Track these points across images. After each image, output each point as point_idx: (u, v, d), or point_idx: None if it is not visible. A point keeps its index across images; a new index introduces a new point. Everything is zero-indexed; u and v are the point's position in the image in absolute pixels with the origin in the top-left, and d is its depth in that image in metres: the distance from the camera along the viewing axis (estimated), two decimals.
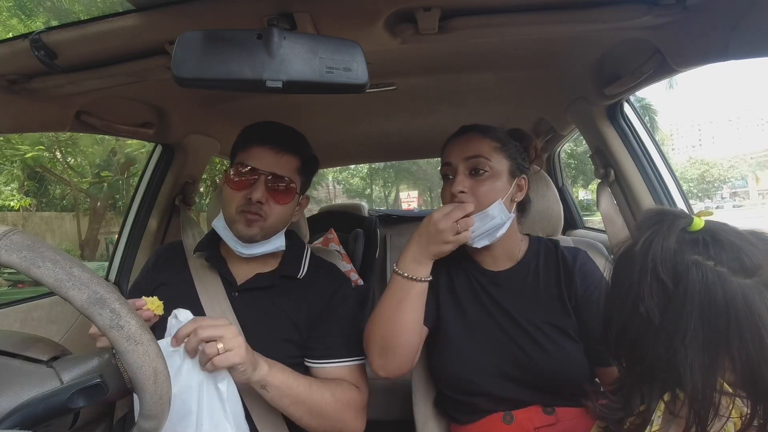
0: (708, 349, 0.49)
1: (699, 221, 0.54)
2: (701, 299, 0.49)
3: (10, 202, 8.56)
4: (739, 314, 0.48)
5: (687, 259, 0.51)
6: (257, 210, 0.91)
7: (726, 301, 0.48)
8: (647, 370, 0.55)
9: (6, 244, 0.44)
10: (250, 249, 0.94)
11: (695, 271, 0.50)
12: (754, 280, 0.49)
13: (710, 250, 0.51)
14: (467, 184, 0.89)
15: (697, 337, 0.49)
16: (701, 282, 0.50)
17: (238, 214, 0.92)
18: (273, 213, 0.93)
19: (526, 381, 0.85)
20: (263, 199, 0.90)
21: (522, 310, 0.89)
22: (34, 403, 0.46)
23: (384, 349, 0.86)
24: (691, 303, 0.50)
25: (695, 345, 0.50)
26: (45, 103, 0.99)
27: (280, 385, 0.80)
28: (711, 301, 0.49)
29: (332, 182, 20.27)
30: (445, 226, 0.81)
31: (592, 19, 0.78)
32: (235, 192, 0.92)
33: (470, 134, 0.93)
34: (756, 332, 0.47)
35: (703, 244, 0.52)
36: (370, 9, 0.73)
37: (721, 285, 0.49)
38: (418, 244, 0.85)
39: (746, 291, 0.48)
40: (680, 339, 0.50)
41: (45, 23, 6.60)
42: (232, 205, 0.92)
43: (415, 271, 0.85)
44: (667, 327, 0.52)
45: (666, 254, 0.53)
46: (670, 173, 1.24)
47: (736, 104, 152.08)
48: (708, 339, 0.49)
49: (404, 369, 0.89)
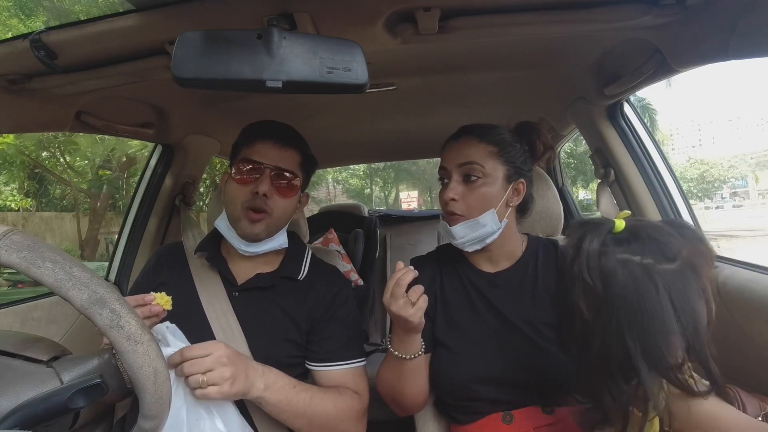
0: (652, 336, 0.54)
1: (620, 222, 0.58)
2: (634, 292, 0.54)
3: (11, 203, 8.56)
4: (674, 298, 0.53)
5: (612, 259, 0.56)
6: (262, 204, 0.91)
7: (657, 289, 0.53)
8: (601, 366, 0.58)
9: (6, 244, 0.44)
10: (254, 247, 0.95)
11: (622, 269, 0.55)
12: (677, 265, 0.54)
13: (633, 246, 0.56)
14: (459, 190, 0.89)
15: (641, 328, 0.54)
16: (631, 278, 0.54)
17: (242, 210, 0.92)
18: (277, 207, 0.93)
19: (524, 382, 0.85)
20: (269, 193, 0.91)
21: (520, 311, 0.89)
22: (34, 403, 0.46)
23: (395, 402, 0.92)
24: (625, 299, 0.54)
25: (641, 334, 0.54)
26: (45, 103, 0.99)
27: (277, 403, 0.81)
28: (644, 293, 0.53)
29: (332, 182, 20.26)
30: (397, 308, 0.77)
31: (592, 19, 0.78)
32: (240, 187, 0.92)
33: (466, 138, 0.92)
34: (688, 310, 0.53)
35: (626, 242, 0.56)
36: (370, 9, 0.73)
37: (650, 276, 0.53)
38: (395, 325, 0.85)
39: (672, 276, 0.54)
40: (624, 332, 0.54)
41: (45, 23, 6.60)
42: (237, 201, 0.92)
43: (405, 350, 0.85)
44: (607, 325, 0.56)
45: (591, 259, 0.57)
46: (670, 173, 1.24)
47: (736, 104, 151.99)
48: (649, 326, 0.53)
49: (418, 410, 0.97)
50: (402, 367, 0.86)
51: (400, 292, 0.77)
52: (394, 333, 0.86)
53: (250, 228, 0.91)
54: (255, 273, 0.98)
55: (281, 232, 0.99)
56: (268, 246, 0.96)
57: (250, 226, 0.91)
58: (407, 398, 0.90)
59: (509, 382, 0.86)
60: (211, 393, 0.72)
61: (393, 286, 0.78)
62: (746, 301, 0.85)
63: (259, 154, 0.92)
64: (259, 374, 0.80)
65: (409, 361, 0.85)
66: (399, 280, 0.78)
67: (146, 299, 0.77)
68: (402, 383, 0.88)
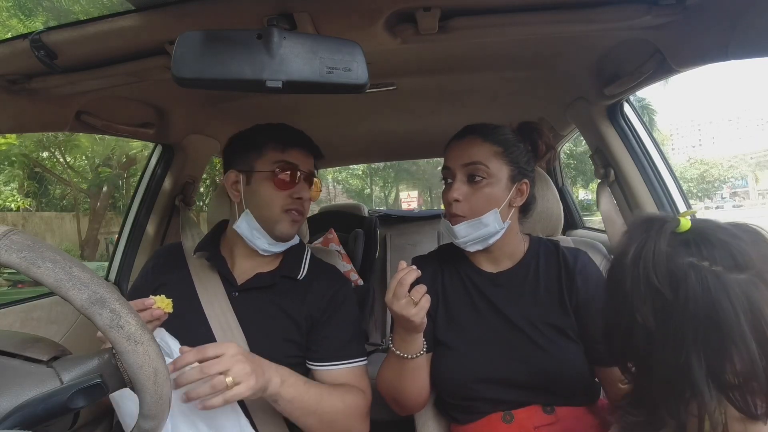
0: (719, 351, 0.48)
1: (686, 222, 0.53)
2: (705, 302, 0.48)
3: (11, 203, 8.55)
4: (745, 312, 0.47)
5: (682, 262, 0.50)
6: (300, 207, 0.96)
7: (731, 300, 0.47)
8: (661, 379, 0.53)
9: (6, 244, 0.43)
10: (279, 246, 0.98)
11: (693, 274, 0.49)
12: (749, 274, 0.48)
13: (702, 251, 0.50)
14: (464, 191, 0.89)
15: (707, 341, 0.48)
16: (701, 285, 0.49)
17: (283, 213, 0.94)
18: (307, 211, 1.00)
19: (525, 382, 0.85)
20: (307, 197, 0.97)
21: (521, 311, 0.89)
22: (34, 403, 0.46)
23: (395, 401, 0.93)
24: (695, 307, 0.49)
25: (707, 349, 0.48)
26: (45, 103, 0.99)
27: (291, 399, 0.80)
28: (716, 303, 0.48)
29: (332, 182, 20.26)
30: (400, 307, 0.77)
31: (591, 19, 0.78)
32: (279, 192, 0.94)
33: (471, 138, 0.91)
34: (759, 327, 0.47)
35: (694, 244, 0.51)
36: (370, 9, 0.73)
37: (721, 285, 0.48)
38: (397, 325, 0.85)
39: (745, 287, 0.48)
40: (690, 344, 0.49)
41: (44, 23, 6.60)
42: (277, 205, 0.94)
43: (406, 349, 0.85)
44: (673, 334, 0.50)
45: (659, 261, 0.52)
46: (669, 173, 1.24)
47: (736, 104, 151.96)
48: (717, 341, 0.48)
49: (418, 410, 0.97)
50: (403, 367, 0.86)
51: (402, 291, 0.77)
52: (395, 332, 0.86)
53: (290, 229, 0.96)
54: (255, 273, 0.98)
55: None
56: (288, 245, 1.00)
57: (290, 227, 0.96)
58: (408, 398, 0.90)
59: (510, 382, 0.86)
60: (241, 391, 0.70)
61: (396, 285, 0.78)
62: None
63: (296, 159, 0.96)
64: (273, 370, 0.79)
65: (411, 360, 0.85)
66: (402, 280, 0.77)
67: (146, 303, 0.77)
68: (403, 383, 0.88)
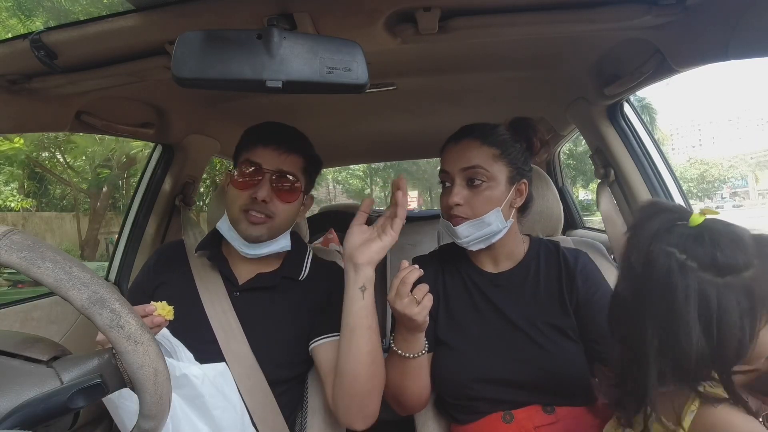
0: (669, 331, 0.54)
1: (697, 217, 0.56)
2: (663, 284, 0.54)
3: (11, 203, 8.55)
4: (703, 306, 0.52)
5: (662, 248, 0.55)
6: (263, 209, 0.91)
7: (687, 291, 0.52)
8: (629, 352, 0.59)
9: (6, 244, 0.43)
10: (256, 249, 0.94)
11: (663, 259, 0.54)
12: (727, 280, 0.52)
13: (689, 246, 0.54)
14: (464, 195, 0.89)
15: (659, 318, 0.55)
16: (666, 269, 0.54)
17: (241, 213, 0.91)
18: (279, 212, 0.93)
19: (525, 382, 0.85)
20: (268, 198, 0.90)
21: (522, 311, 0.89)
22: (34, 403, 0.46)
23: (396, 401, 0.92)
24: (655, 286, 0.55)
25: (659, 326, 0.55)
26: (45, 103, 0.99)
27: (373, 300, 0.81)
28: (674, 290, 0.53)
29: (332, 182, 20.26)
30: (402, 306, 0.77)
31: (592, 19, 0.78)
32: (239, 191, 0.92)
33: (468, 140, 0.91)
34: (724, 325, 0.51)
35: (692, 238, 0.55)
36: (370, 9, 0.73)
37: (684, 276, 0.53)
38: (399, 324, 0.84)
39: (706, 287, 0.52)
40: (647, 319, 0.56)
41: (44, 24, 6.60)
42: (236, 205, 0.92)
43: (408, 348, 0.85)
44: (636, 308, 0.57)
45: (643, 241, 0.57)
46: (670, 173, 1.24)
47: (736, 104, 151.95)
48: (667, 321, 0.54)
49: (419, 410, 0.96)
50: (405, 366, 0.86)
51: (405, 290, 0.77)
52: (397, 331, 0.86)
53: (251, 230, 0.91)
54: (256, 273, 0.98)
55: (284, 235, 0.98)
56: (270, 249, 0.96)
57: (250, 227, 0.91)
58: (409, 397, 0.90)
59: (510, 382, 0.86)
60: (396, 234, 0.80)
61: (398, 284, 0.78)
62: None
63: (259, 158, 0.92)
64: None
65: (412, 359, 0.85)
66: (404, 279, 0.77)
67: (147, 310, 0.76)
68: (404, 382, 0.88)
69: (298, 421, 0.99)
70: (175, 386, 0.72)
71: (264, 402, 0.88)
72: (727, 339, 0.52)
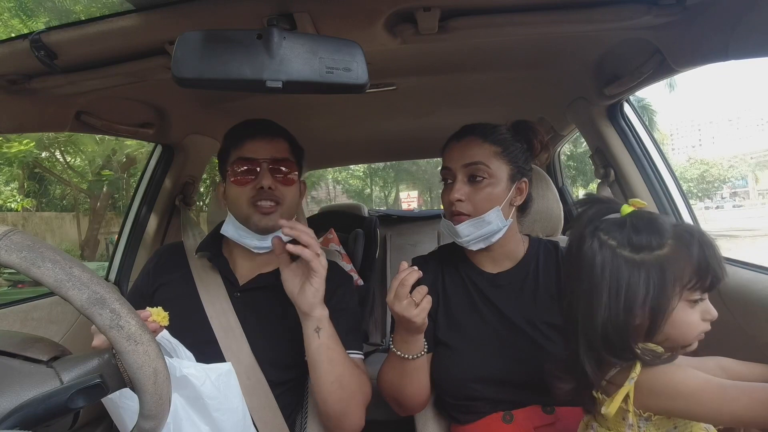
0: (588, 302, 0.60)
1: (626, 208, 0.64)
2: (588, 261, 0.61)
3: (11, 203, 8.55)
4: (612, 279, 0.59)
5: (590, 231, 0.63)
6: (270, 197, 0.92)
7: (602, 263, 0.60)
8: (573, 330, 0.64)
9: (6, 244, 0.43)
10: (268, 241, 0.94)
11: (590, 240, 0.62)
12: (641, 257, 0.59)
13: (615, 231, 0.61)
14: (465, 191, 0.89)
15: (582, 292, 0.62)
16: (592, 249, 0.61)
17: (250, 207, 0.92)
18: (285, 195, 0.94)
19: (525, 382, 0.85)
20: (273, 185, 0.92)
21: (521, 311, 0.89)
22: (34, 404, 0.46)
23: (396, 402, 0.92)
24: (582, 263, 0.62)
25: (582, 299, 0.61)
26: (45, 103, 0.99)
27: (332, 334, 0.82)
28: (593, 262, 0.61)
29: (332, 182, 20.26)
30: (401, 308, 0.77)
31: (592, 19, 0.78)
32: (242, 188, 0.93)
33: (470, 138, 0.92)
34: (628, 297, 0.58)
35: (612, 223, 0.62)
36: (370, 9, 0.73)
37: (602, 252, 0.60)
38: (398, 325, 0.84)
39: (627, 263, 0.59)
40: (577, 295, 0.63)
41: (46, 24, 6.60)
42: (243, 200, 0.92)
43: (407, 350, 0.85)
44: (572, 285, 0.64)
45: (581, 226, 0.64)
46: (670, 173, 1.24)
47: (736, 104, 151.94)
48: (587, 293, 0.61)
49: (419, 410, 0.97)
50: (404, 367, 0.86)
51: (404, 292, 0.77)
52: (396, 333, 0.86)
53: (264, 220, 0.92)
54: (256, 273, 0.98)
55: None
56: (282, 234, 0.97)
57: (263, 218, 0.92)
58: (409, 398, 0.90)
59: (510, 382, 0.86)
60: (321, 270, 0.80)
61: (397, 286, 0.77)
62: (746, 301, 0.85)
63: (251, 152, 0.93)
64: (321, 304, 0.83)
65: (412, 361, 0.85)
66: (403, 281, 0.77)
67: (142, 315, 0.75)
68: (404, 383, 0.88)
69: (299, 421, 0.99)
70: (177, 387, 0.72)
71: (264, 402, 0.88)
72: (633, 309, 0.58)
